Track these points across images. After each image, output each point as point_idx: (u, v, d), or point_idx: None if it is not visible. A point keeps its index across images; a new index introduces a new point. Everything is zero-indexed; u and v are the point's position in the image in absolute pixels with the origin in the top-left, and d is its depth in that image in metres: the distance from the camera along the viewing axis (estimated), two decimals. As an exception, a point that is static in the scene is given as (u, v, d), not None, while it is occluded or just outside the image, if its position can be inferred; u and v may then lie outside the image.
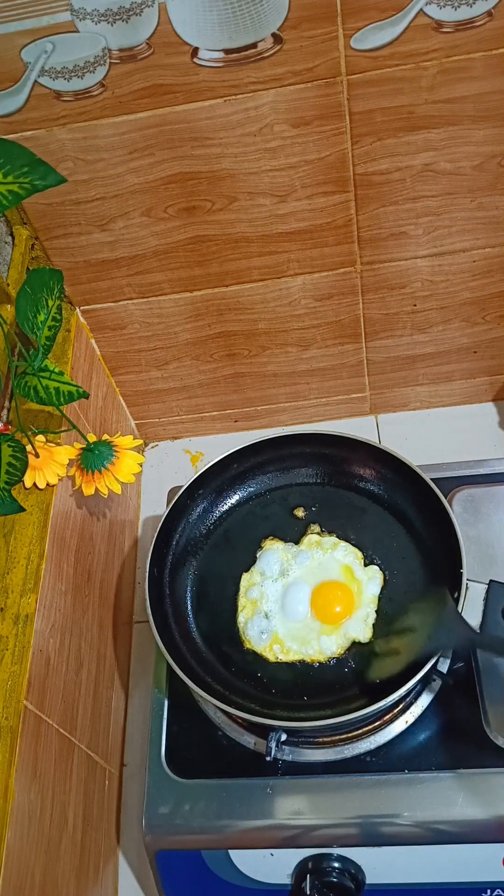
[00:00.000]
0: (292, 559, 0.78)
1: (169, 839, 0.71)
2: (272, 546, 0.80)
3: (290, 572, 0.77)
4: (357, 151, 0.77)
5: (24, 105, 0.72)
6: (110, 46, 0.69)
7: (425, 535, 0.77)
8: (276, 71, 0.71)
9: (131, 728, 0.94)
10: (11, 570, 0.72)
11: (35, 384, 0.72)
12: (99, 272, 0.89)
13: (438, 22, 0.68)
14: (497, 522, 0.82)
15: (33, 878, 0.64)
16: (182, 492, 0.82)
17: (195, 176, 0.79)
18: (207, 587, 0.80)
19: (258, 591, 0.76)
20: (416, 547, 0.78)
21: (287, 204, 0.82)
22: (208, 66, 0.70)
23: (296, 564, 0.77)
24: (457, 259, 0.89)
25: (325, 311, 0.95)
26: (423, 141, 0.77)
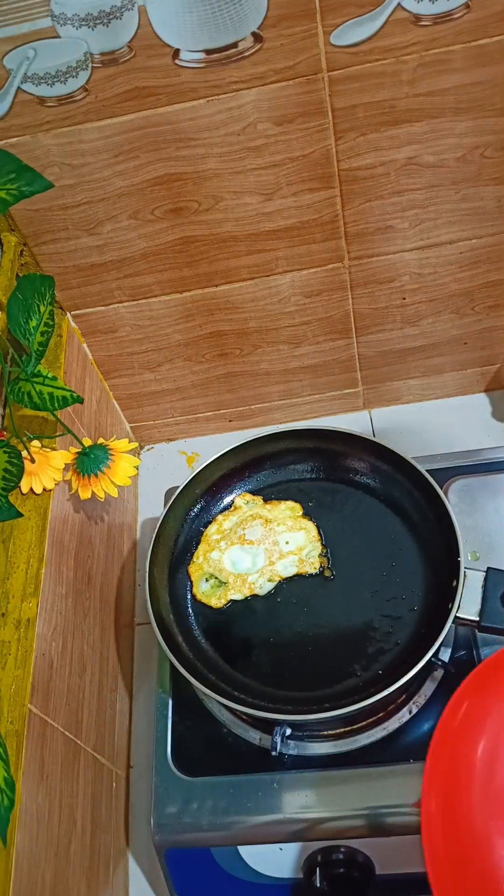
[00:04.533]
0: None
1: (178, 837, 0.71)
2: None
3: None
4: (341, 147, 0.78)
5: (7, 112, 0.73)
6: (92, 51, 0.69)
7: (422, 525, 0.78)
8: (257, 70, 0.71)
9: (136, 729, 0.94)
10: (11, 575, 0.73)
11: (29, 390, 0.73)
12: (88, 276, 0.89)
13: (416, 16, 0.68)
14: (493, 511, 0.83)
15: (44, 882, 0.64)
16: (178, 492, 0.82)
17: (181, 177, 0.80)
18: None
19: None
20: (414, 537, 0.78)
21: (273, 202, 0.82)
22: (190, 67, 0.71)
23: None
24: (444, 251, 0.89)
25: (315, 307, 0.95)
26: (405, 134, 0.77)
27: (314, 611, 0.76)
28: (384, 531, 0.80)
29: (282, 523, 0.81)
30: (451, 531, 0.72)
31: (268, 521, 0.81)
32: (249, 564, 0.79)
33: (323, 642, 0.74)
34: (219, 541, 0.81)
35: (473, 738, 0.62)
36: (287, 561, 0.79)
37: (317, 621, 0.75)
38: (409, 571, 0.76)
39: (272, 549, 0.79)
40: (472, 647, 0.74)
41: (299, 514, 0.82)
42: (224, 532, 0.82)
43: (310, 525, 0.81)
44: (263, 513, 0.82)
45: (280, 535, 0.80)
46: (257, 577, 0.78)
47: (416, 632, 0.72)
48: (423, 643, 0.68)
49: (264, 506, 0.83)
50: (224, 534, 0.82)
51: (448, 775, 0.61)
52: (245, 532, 0.81)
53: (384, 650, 0.72)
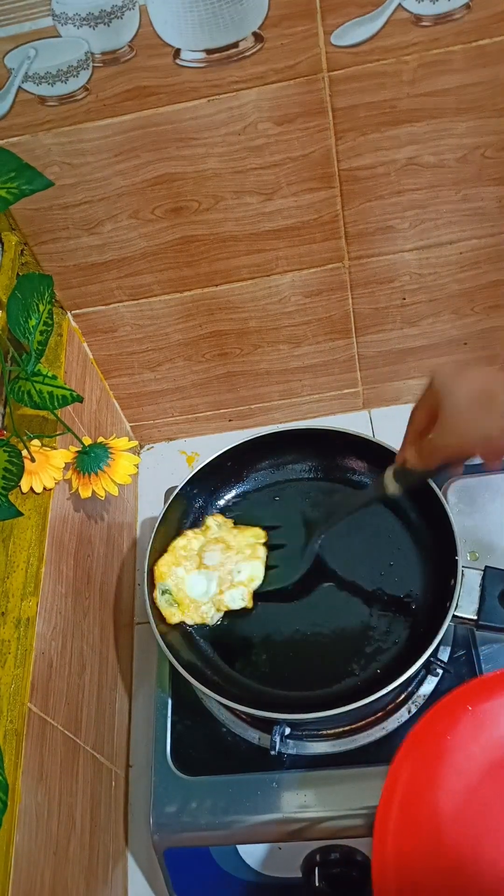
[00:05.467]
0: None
1: (177, 837, 0.71)
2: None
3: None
4: (341, 147, 0.78)
5: (8, 111, 0.73)
6: (93, 50, 0.69)
7: (420, 525, 0.78)
8: (257, 69, 0.71)
9: (136, 728, 0.94)
10: (11, 575, 0.73)
11: (29, 389, 0.73)
12: (89, 276, 0.89)
13: (417, 16, 0.68)
14: (493, 511, 0.83)
15: (43, 880, 0.64)
16: (177, 492, 0.82)
17: (181, 176, 0.80)
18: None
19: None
20: (411, 537, 0.78)
21: (273, 202, 0.83)
22: (190, 67, 0.71)
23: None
24: (444, 251, 0.89)
25: (315, 307, 0.96)
26: (406, 135, 0.77)
27: (312, 610, 0.76)
28: (382, 531, 0.80)
29: (240, 551, 0.78)
30: (448, 531, 0.72)
31: (228, 548, 0.78)
32: (203, 591, 0.77)
33: (322, 642, 0.74)
34: (185, 558, 0.79)
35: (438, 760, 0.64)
36: (235, 593, 0.76)
37: (315, 621, 0.75)
38: (407, 571, 0.76)
39: (225, 577, 0.77)
40: (471, 646, 0.74)
41: (261, 541, 0.79)
42: (190, 550, 0.79)
43: (263, 553, 0.78)
44: (228, 538, 0.80)
45: (235, 563, 0.77)
46: (209, 608, 0.76)
47: (414, 631, 0.72)
48: (421, 642, 0.68)
49: (232, 530, 0.81)
50: (190, 553, 0.79)
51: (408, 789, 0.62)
52: (205, 556, 0.78)
53: (382, 650, 0.72)
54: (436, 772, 0.63)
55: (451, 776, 0.63)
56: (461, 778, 0.62)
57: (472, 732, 0.64)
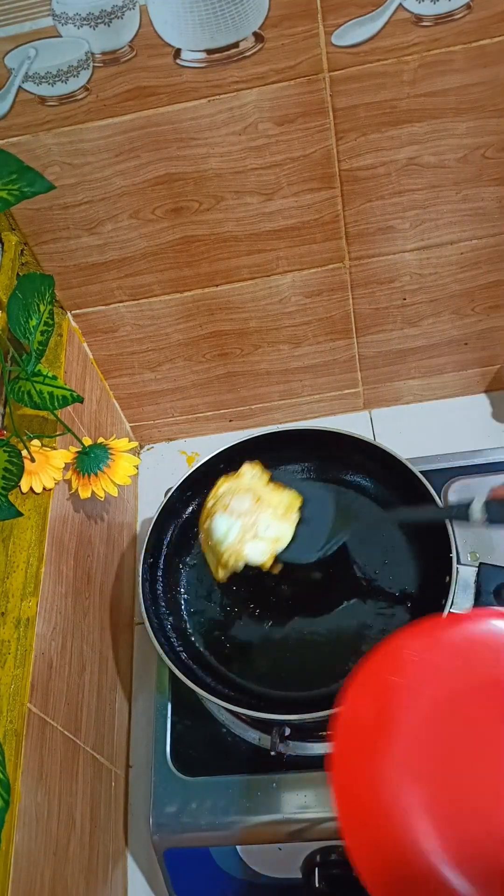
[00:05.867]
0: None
1: (177, 837, 0.71)
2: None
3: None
4: (342, 147, 0.78)
5: (8, 111, 0.73)
6: (93, 50, 0.69)
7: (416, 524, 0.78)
8: (258, 70, 0.71)
9: (136, 729, 0.94)
10: (11, 575, 0.73)
11: (29, 389, 0.73)
12: (89, 276, 0.89)
13: (418, 16, 0.68)
14: (493, 512, 0.83)
15: (42, 880, 0.64)
16: (172, 493, 0.82)
17: (182, 177, 0.80)
18: (202, 586, 0.81)
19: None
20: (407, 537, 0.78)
21: (274, 202, 0.82)
22: (191, 67, 0.71)
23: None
24: (444, 251, 0.89)
25: (316, 307, 0.95)
26: (406, 135, 0.77)
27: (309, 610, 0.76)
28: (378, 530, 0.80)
29: (273, 508, 0.74)
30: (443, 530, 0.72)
31: (259, 500, 0.74)
32: (223, 534, 0.73)
33: (318, 641, 0.74)
34: (224, 503, 0.75)
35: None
36: (257, 546, 0.72)
37: (312, 621, 0.75)
38: (402, 569, 0.77)
39: (249, 528, 0.73)
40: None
41: (296, 507, 0.76)
42: (217, 496, 0.76)
43: (296, 517, 0.75)
44: (261, 491, 0.76)
45: (262, 518, 0.73)
46: (228, 554, 0.72)
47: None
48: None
49: (267, 485, 0.77)
50: (217, 498, 0.76)
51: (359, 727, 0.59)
52: (233, 500, 0.74)
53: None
54: (382, 714, 0.61)
55: (397, 718, 0.61)
56: (408, 718, 0.61)
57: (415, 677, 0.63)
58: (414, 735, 0.58)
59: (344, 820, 0.53)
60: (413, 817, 0.53)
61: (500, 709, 0.58)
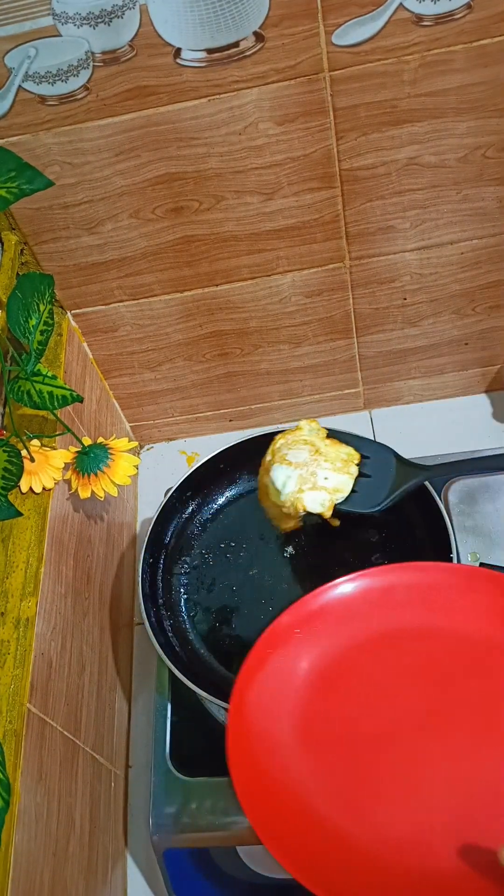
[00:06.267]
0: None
1: (176, 838, 0.71)
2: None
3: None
4: (342, 147, 0.78)
5: (8, 110, 0.72)
6: (93, 49, 0.69)
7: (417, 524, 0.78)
8: (258, 69, 0.71)
9: (135, 729, 0.94)
10: (10, 575, 0.73)
11: (28, 389, 0.73)
12: (89, 275, 0.89)
13: (418, 16, 0.68)
14: (493, 512, 0.83)
15: (42, 881, 0.64)
16: (172, 493, 0.82)
17: (182, 176, 0.80)
18: (202, 587, 0.81)
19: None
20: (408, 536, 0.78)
21: (274, 202, 0.82)
22: (191, 67, 0.71)
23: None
24: (445, 251, 0.89)
25: (316, 307, 0.95)
26: (407, 135, 0.77)
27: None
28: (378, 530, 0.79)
29: (332, 461, 0.74)
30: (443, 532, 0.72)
31: (318, 452, 0.74)
32: (281, 485, 0.73)
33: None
34: (284, 456, 0.75)
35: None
36: (317, 495, 0.72)
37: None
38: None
39: (308, 478, 0.73)
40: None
41: (355, 461, 0.75)
42: (276, 452, 0.76)
43: (356, 470, 0.74)
44: (318, 444, 0.76)
45: (322, 469, 0.73)
46: (290, 505, 0.73)
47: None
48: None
49: (325, 439, 0.76)
50: (274, 452, 0.76)
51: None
52: (290, 453, 0.74)
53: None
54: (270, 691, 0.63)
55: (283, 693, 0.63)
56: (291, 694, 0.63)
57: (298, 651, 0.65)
58: (302, 698, 0.62)
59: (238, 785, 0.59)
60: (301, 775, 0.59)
61: (380, 658, 0.63)
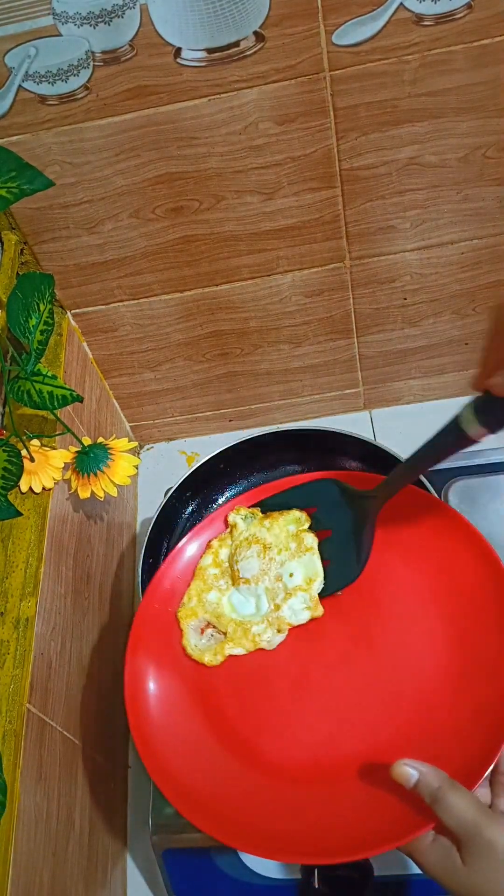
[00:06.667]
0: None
1: (176, 838, 0.71)
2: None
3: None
4: (342, 147, 0.78)
5: (8, 110, 0.72)
6: (93, 49, 0.69)
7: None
8: (259, 69, 0.71)
9: (135, 729, 0.94)
10: (10, 575, 0.72)
11: (28, 388, 0.73)
12: (89, 275, 0.89)
13: (419, 15, 0.68)
14: (493, 512, 0.83)
15: (41, 881, 0.64)
16: (172, 493, 0.82)
17: (182, 176, 0.79)
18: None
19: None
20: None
21: (274, 201, 0.82)
22: (191, 66, 0.70)
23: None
24: (445, 251, 0.89)
25: (316, 307, 0.95)
26: (407, 134, 0.77)
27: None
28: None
29: (284, 549, 0.65)
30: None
31: (266, 548, 0.65)
32: (253, 609, 0.64)
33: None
34: (217, 577, 0.66)
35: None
36: (296, 602, 0.63)
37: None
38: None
39: (275, 586, 0.64)
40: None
41: (305, 527, 0.66)
42: (222, 565, 0.67)
43: (313, 541, 0.65)
44: (261, 534, 0.66)
45: (282, 566, 0.64)
46: (263, 628, 0.63)
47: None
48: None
49: (262, 522, 0.67)
50: (222, 568, 0.67)
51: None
52: (240, 567, 0.65)
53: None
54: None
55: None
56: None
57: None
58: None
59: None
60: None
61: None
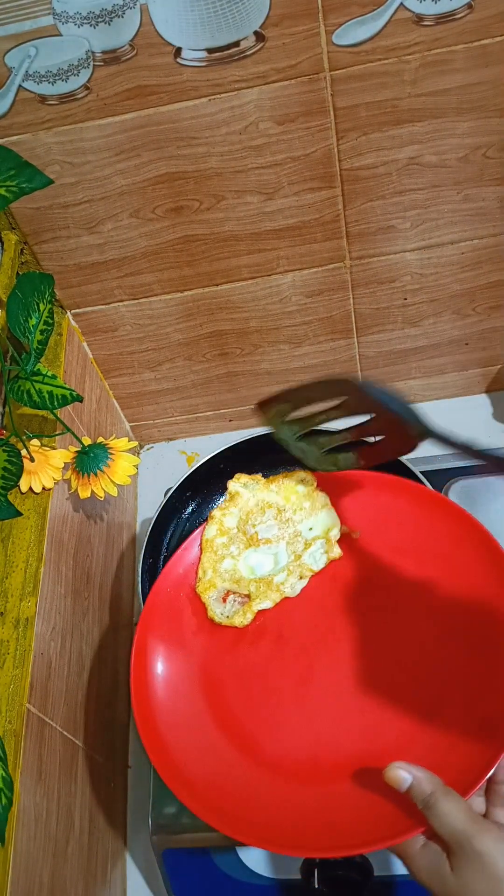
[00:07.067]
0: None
1: (176, 838, 0.71)
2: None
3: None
4: (343, 147, 0.78)
5: (9, 110, 0.72)
6: (93, 49, 0.69)
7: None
8: (259, 69, 0.71)
9: (135, 729, 0.94)
10: (10, 575, 0.72)
11: (28, 388, 0.73)
12: (89, 275, 0.89)
13: (419, 15, 0.68)
14: (493, 512, 0.83)
15: (41, 881, 0.64)
16: (172, 493, 0.82)
17: (182, 176, 0.79)
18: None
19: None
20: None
21: (274, 201, 0.82)
22: (191, 66, 0.70)
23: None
24: (445, 251, 0.89)
25: (316, 307, 0.95)
26: (407, 134, 0.77)
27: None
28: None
29: (298, 509, 0.68)
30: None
31: (280, 510, 0.68)
32: (272, 565, 0.67)
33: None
34: (227, 545, 0.68)
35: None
36: (314, 549, 0.66)
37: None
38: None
39: (294, 541, 0.67)
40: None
41: (313, 486, 0.69)
42: (229, 532, 0.69)
43: (324, 497, 0.68)
44: (272, 498, 0.68)
45: (300, 523, 0.67)
46: (285, 577, 0.66)
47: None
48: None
49: (268, 486, 0.69)
50: (230, 535, 0.69)
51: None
52: (257, 530, 0.68)
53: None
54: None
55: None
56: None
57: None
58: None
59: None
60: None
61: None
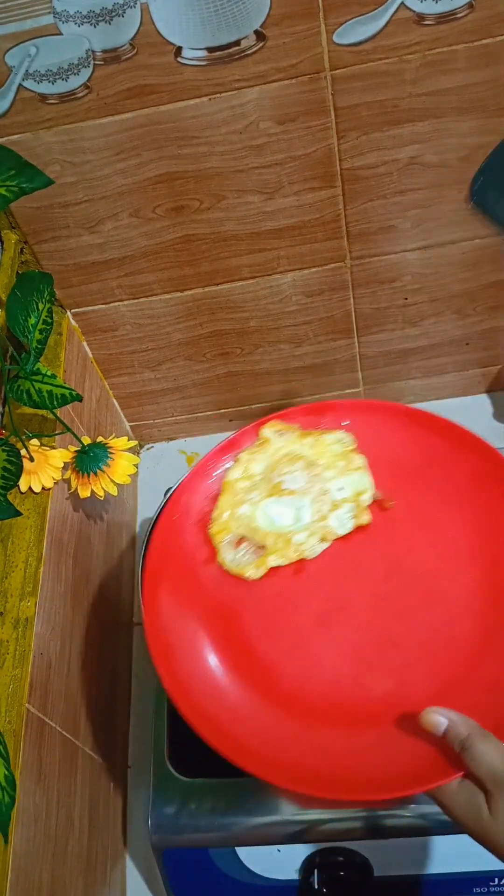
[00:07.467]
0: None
1: (176, 838, 0.71)
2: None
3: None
4: (343, 146, 0.78)
5: (9, 109, 0.72)
6: (94, 48, 0.69)
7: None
8: (259, 68, 0.71)
9: (134, 729, 0.94)
10: (10, 574, 0.72)
11: (28, 388, 0.73)
12: (89, 274, 0.89)
13: (420, 15, 0.68)
14: (494, 512, 0.82)
15: (41, 881, 0.64)
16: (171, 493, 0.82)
17: (182, 175, 0.79)
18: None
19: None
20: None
21: (275, 201, 0.82)
22: (192, 65, 0.70)
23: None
24: (446, 251, 0.89)
25: (317, 307, 0.95)
26: (408, 134, 0.77)
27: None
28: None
29: (331, 467, 0.63)
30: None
31: (311, 464, 0.64)
32: (292, 520, 0.63)
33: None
34: (248, 490, 0.63)
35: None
36: (342, 512, 0.62)
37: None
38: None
39: (321, 499, 0.63)
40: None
41: (351, 448, 0.65)
42: (253, 478, 0.65)
43: (361, 459, 0.63)
44: (304, 451, 0.64)
45: (330, 481, 0.63)
46: (305, 537, 0.61)
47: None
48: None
49: (302, 439, 0.65)
50: (254, 480, 0.64)
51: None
52: (283, 479, 0.64)
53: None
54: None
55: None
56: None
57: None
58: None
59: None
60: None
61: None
